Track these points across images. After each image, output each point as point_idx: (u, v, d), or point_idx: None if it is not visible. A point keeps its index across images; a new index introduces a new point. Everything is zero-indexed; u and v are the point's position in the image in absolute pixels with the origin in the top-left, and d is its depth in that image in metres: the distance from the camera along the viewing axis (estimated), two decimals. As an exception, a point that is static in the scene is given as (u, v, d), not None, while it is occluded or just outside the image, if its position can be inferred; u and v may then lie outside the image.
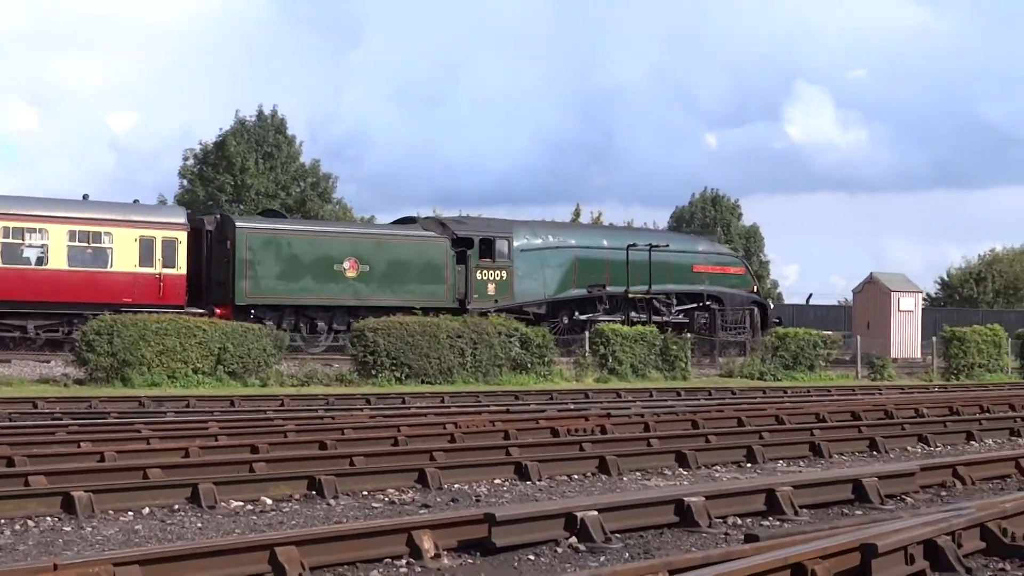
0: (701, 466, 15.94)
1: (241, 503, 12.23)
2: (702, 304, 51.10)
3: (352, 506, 12.33)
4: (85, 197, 41.82)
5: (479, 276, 45.77)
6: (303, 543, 8.75)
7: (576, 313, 48.18)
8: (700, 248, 53.45)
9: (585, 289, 48.43)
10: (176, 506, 11.95)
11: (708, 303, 51.17)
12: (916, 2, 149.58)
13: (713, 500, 11.26)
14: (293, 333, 39.16)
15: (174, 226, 40.95)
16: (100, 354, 31.15)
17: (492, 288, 46.22)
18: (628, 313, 48.05)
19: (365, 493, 13.05)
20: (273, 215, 48.66)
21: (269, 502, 12.35)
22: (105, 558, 7.85)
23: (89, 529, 10.76)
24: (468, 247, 45.63)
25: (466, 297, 45.30)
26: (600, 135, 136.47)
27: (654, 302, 49.59)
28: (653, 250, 49.19)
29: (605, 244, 49.83)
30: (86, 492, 11.59)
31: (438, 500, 12.78)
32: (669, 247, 50.66)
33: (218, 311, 39.40)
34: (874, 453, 18.10)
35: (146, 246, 40.08)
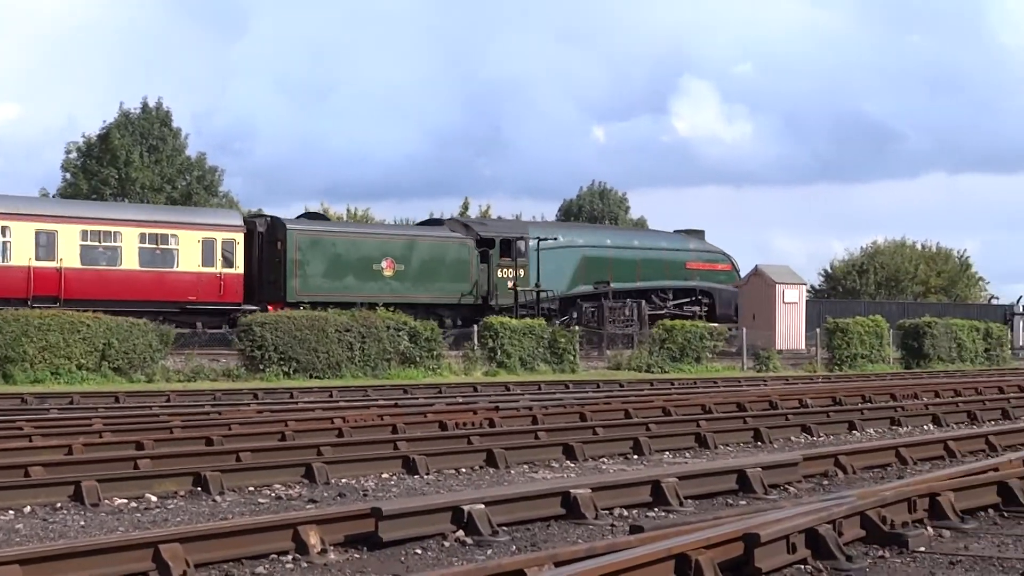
0: (588, 458, 16.02)
1: (125, 500, 12.08)
2: (695, 298, 55.31)
3: (238, 502, 12.25)
4: None
5: (500, 274, 49.37)
6: (187, 540, 8.66)
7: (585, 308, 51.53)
8: (691, 246, 57.79)
9: (592, 285, 52.33)
10: (59, 504, 11.77)
11: (700, 297, 55.34)
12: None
13: (599, 492, 11.33)
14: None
15: (232, 228, 44.26)
16: (-19, 350, 30.67)
17: (511, 284, 49.65)
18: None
19: (251, 489, 12.96)
20: (317, 218, 52.33)
21: (154, 499, 12.22)
22: (-16, 558, 7.73)
23: (-32, 529, 10.59)
24: (490, 247, 49.25)
25: (488, 293, 48.91)
26: (488, 127, 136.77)
27: (652, 297, 53.67)
28: (650, 249, 54.00)
29: (608, 243, 54.28)
30: (-35, 491, 11.40)
31: (325, 495, 12.73)
32: (664, 246, 55.36)
33: (270, 308, 41.22)
34: (759, 444, 18.30)
35: (208, 247, 43.13)
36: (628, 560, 7.47)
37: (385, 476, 14.12)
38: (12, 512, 11.39)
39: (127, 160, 70.33)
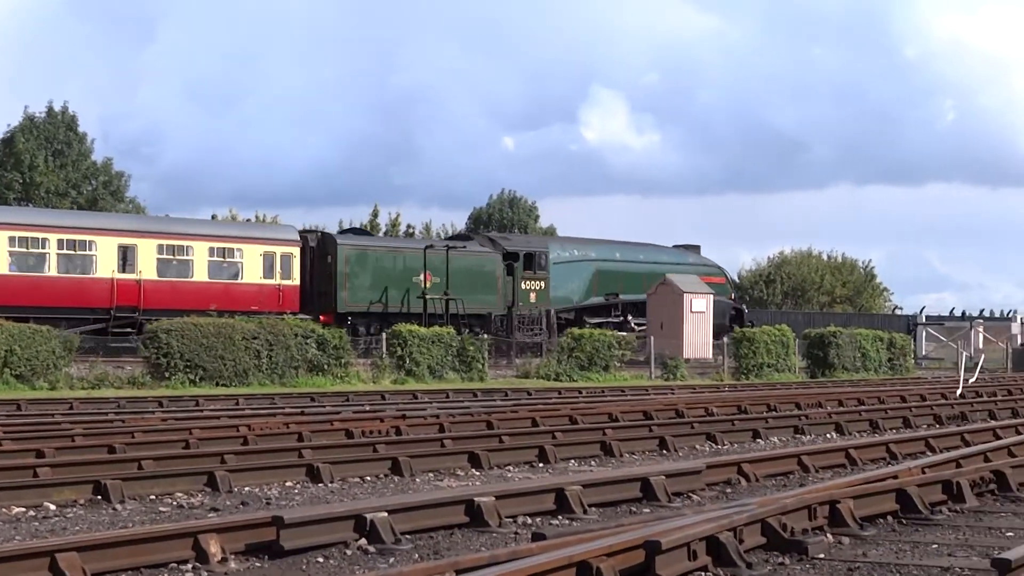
0: (494, 466, 16.03)
1: (23, 509, 11.92)
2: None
3: (139, 510, 12.12)
4: None
5: (523, 286, 52.47)
6: (85, 549, 8.57)
7: (596, 318, 54.38)
8: (690, 260, 60.68)
9: (603, 297, 55.74)
10: (-45, 513, 11.60)
11: None
12: (707, 9, 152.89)
13: (503, 500, 11.34)
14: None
15: (290, 242, 46.90)
16: None
17: (533, 296, 52.83)
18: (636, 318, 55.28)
19: (153, 497, 12.84)
20: (361, 233, 56.13)
21: (53, 508, 12.06)
22: None
23: None
24: (515, 260, 52.23)
25: (513, 304, 51.71)
26: (398, 136, 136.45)
27: None
28: (654, 263, 56.83)
29: (618, 257, 57.36)
30: None
31: (228, 503, 12.63)
32: (666, 260, 58.24)
33: (322, 319, 43.86)
34: (664, 452, 18.40)
35: (268, 260, 45.90)
36: (529, 568, 7.49)
37: (289, 484, 14.04)
38: (-94, 521, 11.20)
39: (31, 165, 69.49)
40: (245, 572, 9.09)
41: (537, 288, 52.95)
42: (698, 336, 51.55)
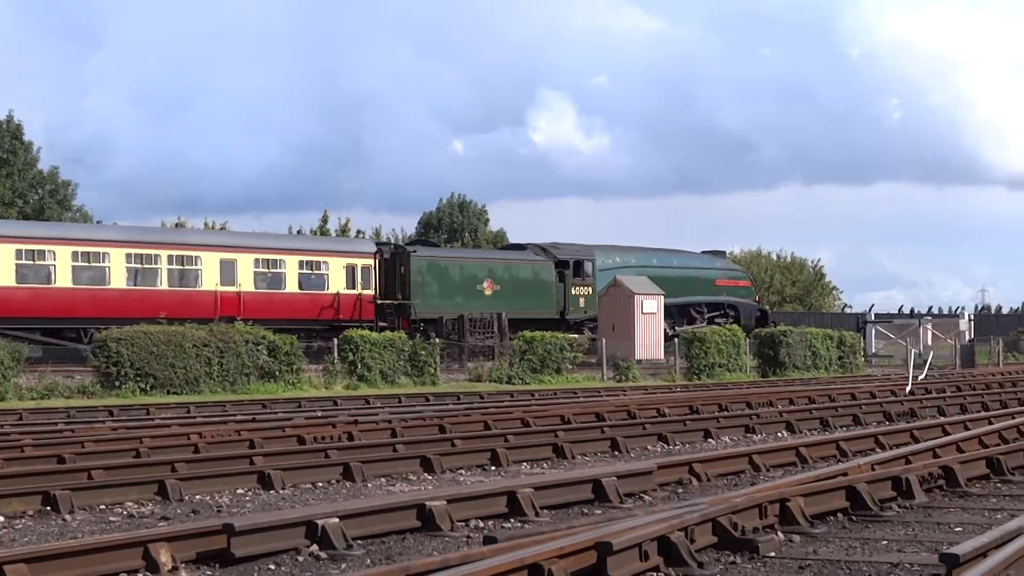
0: (446, 470, 16.03)
1: (-29, 521, 11.83)
2: (723, 312, 61.15)
3: (89, 521, 12.05)
4: None
5: (573, 292, 55.76)
6: (33, 560, 8.51)
7: None
8: (718, 265, 63.98)
9: None
10: (-99, 527, 11.49)
11: (728, 311, 61.42)
12: (653, 11, 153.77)
13: (455, 504, 11.34)
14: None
15: (368, 255, 51.18)
16: None
17: (583, 301, 56.17)
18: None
19: (103, 507, 12.77)
20: (427, 244, 60.52)
21: (1, 520, 11.97)
22: None
23: None
24: (565, 268, 55.54)
25: (565, 309, 55.25)
26: (348, 140, 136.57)
27: (690, 311, 60.05)
28: (687, 268, 60.46)
29: (655, 263, 59.74)
30: None
31: (178, 512, 12.57)
32: (697, 265, 61.57)
33: (403, 323, 47.86)
34: (616, 453, 18.44)
35: (349, 272, 50.08)
36: (481, 571, 7.50)
37: (240, 492, 14.00)
38: None
39: (-24, 174, 68.98)
40: (196, 581, 9.05)
41: (586, 294, 56.18)
42: (650, 337, 51.64)
